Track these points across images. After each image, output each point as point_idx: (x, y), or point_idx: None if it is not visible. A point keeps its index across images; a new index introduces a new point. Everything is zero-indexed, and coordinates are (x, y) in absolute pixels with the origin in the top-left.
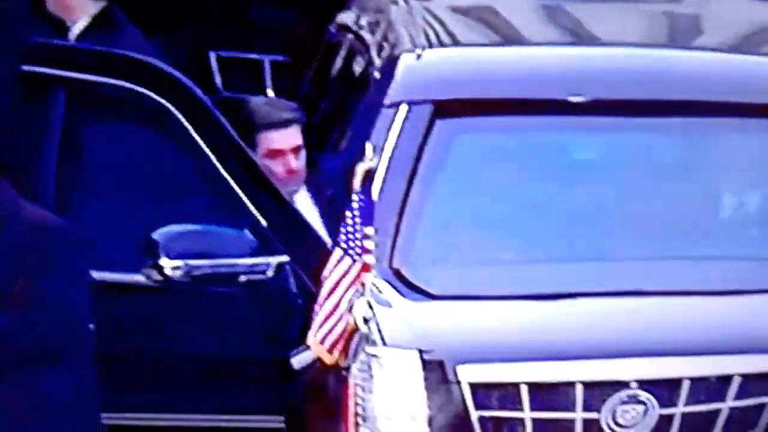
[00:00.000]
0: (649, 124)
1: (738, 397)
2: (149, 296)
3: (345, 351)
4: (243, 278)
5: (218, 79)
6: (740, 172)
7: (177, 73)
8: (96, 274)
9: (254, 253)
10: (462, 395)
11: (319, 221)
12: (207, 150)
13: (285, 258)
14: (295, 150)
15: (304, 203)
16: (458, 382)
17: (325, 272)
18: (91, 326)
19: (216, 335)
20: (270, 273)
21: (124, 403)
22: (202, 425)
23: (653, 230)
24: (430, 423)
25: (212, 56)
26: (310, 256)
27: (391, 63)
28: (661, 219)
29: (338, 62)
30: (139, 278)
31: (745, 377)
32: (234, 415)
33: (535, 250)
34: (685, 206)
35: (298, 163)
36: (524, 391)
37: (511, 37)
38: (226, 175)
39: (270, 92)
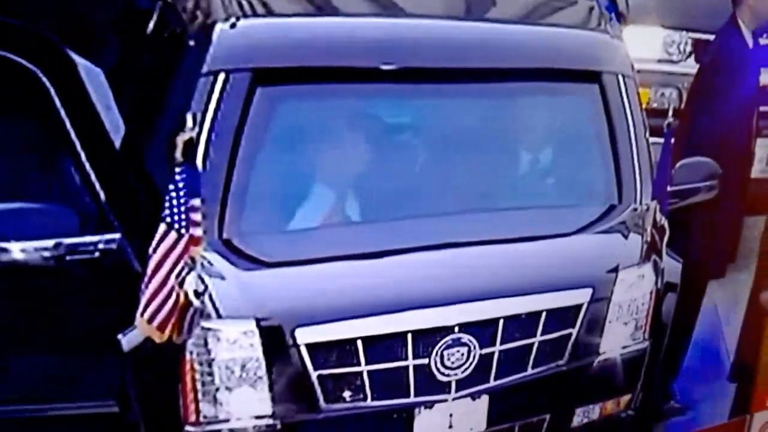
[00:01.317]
0: (455, 89)
1: (545, 331)
2: None
3: (177, 327)
4: (69, 258)
5: None
6: (538, 130)
7: (51, 36)
8: None
9: (80, 232)
10: (301, 357)
11: None
12: (67, 123)
13: (114, 236)
14: None
15: None
16: (296, 345)
17: (150, 249)
18: None
19: (42, 318)
20: (99, 252)
21: None
22: (31, 416)
23: (463, 187)
24: (271, 389)
25: None
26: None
27: (205, 31)
28: (470, 176)
29: (150, 30)
30: None
31: (550, 312)
32: (64, 402)
33: (359, 212)
34: (491, 164)
35: None
36: (360, 345)
37: (323, 8)
38: (79, 149)
39: None
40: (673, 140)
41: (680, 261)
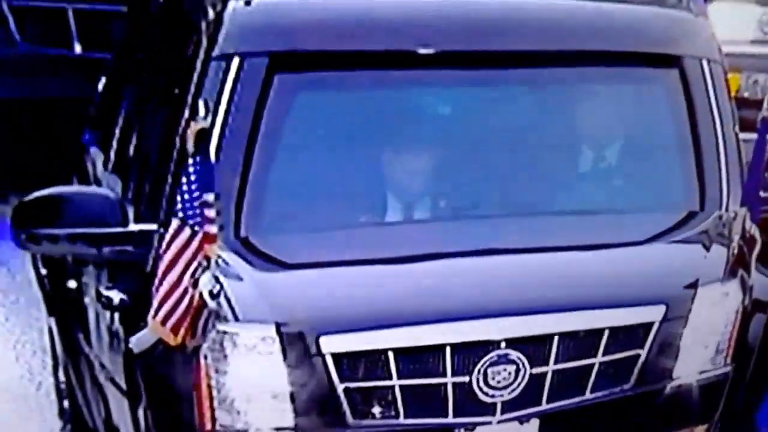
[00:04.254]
0: (504, 76)
1: (608, 351)
2: None
3: (191, 330)
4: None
5: (15, 31)
6: (605, 124)
7: None
8: None
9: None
10: (326, 368)
11: None
12: None
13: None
14: None
15: None
16: (321, 354)
17: (163, 246)
18: None
19: None
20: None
21: None
22: None
23: (511, 187)
24: (293, 400)
25: (4, 4)
26: None
27: (217, 8)
28: (519, 175)
29: (155, 8)
30: None
31: (614, 331)
32: None
33: (392, 212)
34: (544, 161)
35: None
36: (391, 358)
37: None
38: None
39: (77, 46)
40: None
41: None
